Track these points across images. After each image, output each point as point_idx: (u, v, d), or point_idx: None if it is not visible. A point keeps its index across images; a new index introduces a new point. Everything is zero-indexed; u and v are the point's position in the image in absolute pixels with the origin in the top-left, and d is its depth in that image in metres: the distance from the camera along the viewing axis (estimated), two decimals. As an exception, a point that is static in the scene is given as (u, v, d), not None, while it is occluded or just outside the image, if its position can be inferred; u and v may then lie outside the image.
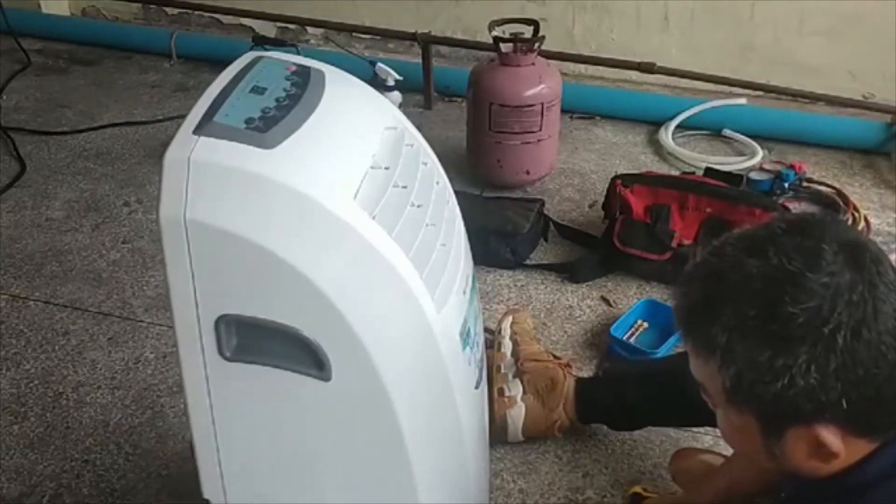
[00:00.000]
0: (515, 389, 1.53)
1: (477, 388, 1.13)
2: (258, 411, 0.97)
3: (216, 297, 0.90)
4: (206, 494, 1.03)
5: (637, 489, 1.40)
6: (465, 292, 1.06)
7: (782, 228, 0.81)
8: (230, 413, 0.97)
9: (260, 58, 1.03)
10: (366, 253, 0.89)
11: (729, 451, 1.41)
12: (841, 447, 0.79)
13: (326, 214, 0.88)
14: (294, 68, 1.01)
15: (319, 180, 0.90)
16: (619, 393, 1.50)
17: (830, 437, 0.79)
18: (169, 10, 3.38)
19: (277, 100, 0.94)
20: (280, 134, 0.90)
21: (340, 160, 0.95)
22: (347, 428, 0.97)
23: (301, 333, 0.89)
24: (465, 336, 1.05)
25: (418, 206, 0.98)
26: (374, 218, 0.90)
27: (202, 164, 0.87)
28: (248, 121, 0.90)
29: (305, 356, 0.91)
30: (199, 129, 0.89)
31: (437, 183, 1.08)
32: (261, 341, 0.91)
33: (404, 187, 0.98)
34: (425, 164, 1.07)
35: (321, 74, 1.01)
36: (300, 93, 0.96)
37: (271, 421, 0.98)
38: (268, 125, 0.90)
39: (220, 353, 0.92)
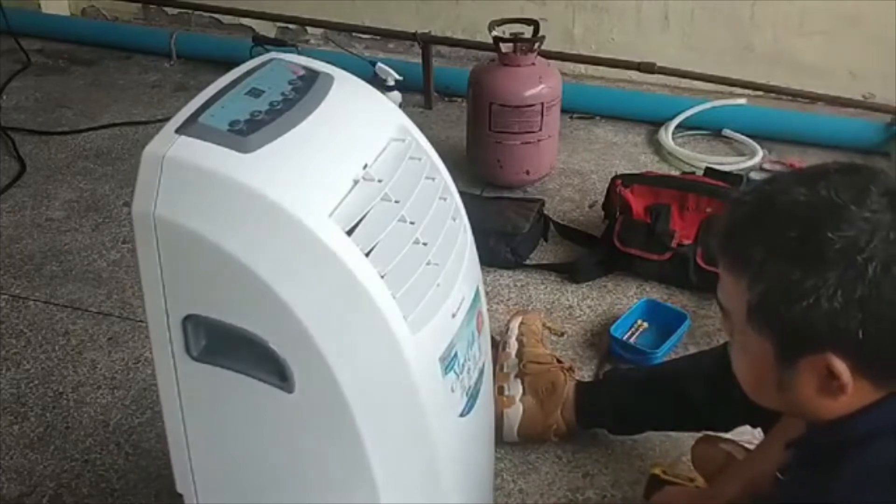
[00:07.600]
0: (515, 390, 1.53)
1: (464, 416, 1.05)
2: (223, 414, 0.97)
3: (183, 296, 0.89)
4: (180, 489, 1.04)
5: (657, 471, 1.37)
6: (454, 315, 0.99)
7: (835, 168, 0.85)
8: (198, 413, 0.97)
9: (272, 59, 1.01)
10: (333, 268, 0.86)
11: (749, 444, 1.41)
12: (850, 380, 0.81)
13: (295, 225, 0.84)
14: (302, 72, 0.99)
15: (293, 189, 0.86)
16: (620, 398, 1.49)
17: (842, 366, 0.81)
18: (169, 10, 3.38)
19: (271, 104, 0.92)
20: (261, 139, 0.88)
21: (324, 170, 0.91)
22: (309, 441, 0.95)
23: (264, 342, 0.88)
24: (449, 361, 0.99)
25: (410, 223, 0.94)
26: (349, 232, 0.87)
27: (175, 163, 0.86)
28: (233, 123, 0.89)
29: (269, 365, 0.89)
30: (181, 129, 0.88)
31: (444, 199, 1.03)
32: (228, 345, 0.90)
33: (396, 202, 0.93)
34: (432, 179, 1.02)
35: (329, 79, 0.99)
36: (298, 97, 0.94)
37: (236, 424, 0.97)
38: (250, 129, 0.88)
39: (188, 352, 0.92)
